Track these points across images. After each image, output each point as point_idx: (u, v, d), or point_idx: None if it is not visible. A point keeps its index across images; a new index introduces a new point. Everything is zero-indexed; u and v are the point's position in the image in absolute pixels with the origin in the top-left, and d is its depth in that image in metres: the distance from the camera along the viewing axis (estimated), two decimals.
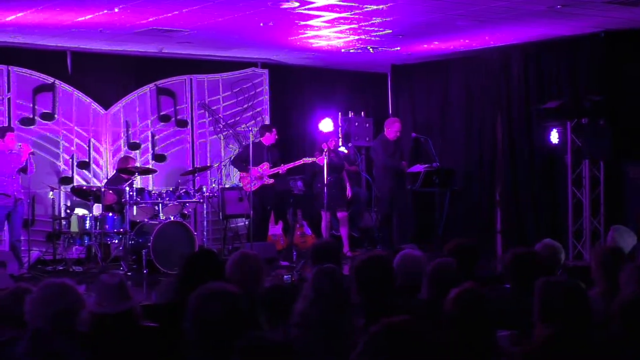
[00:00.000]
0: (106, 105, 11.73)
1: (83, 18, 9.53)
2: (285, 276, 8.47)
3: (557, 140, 10.62)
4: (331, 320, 3.42)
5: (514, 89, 11.78)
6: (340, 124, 12.82)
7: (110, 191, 10.17)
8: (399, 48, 11.93)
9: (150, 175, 11.40)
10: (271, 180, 11.00)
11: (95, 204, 10.16)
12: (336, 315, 3.45)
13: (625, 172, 10.42)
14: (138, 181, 10.45)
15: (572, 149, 10.50)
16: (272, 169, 11.02)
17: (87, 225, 9.97)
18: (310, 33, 10.67)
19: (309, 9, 9.28)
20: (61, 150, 11.33)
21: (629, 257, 5.14)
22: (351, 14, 9.54)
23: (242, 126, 12.54)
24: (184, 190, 10.45)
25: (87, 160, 11.47)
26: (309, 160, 11.23)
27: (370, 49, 11.88)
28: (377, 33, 10.72)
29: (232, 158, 11.79)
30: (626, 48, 10.57)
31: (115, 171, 11.06)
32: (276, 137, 11.29)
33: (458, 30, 10.59)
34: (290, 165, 11.14)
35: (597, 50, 10.73)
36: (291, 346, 2.76)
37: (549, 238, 5.93)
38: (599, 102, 10.19)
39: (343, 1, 8.86)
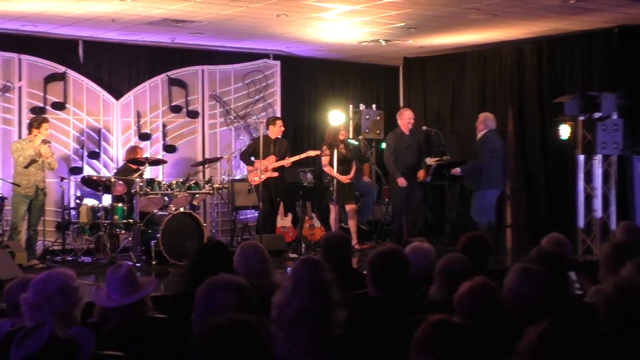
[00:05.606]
0: (117, 95, 11.73)
1: (95, 8, 9.53)
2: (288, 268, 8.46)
3: (569, 135, 10.59)
4: (311, 313, 3.38)
5: (526, 84, 11.77)
6: (351, 116, 12.80)
7: (120, 182, 10.17)
8: (411, 41, 11.90)
9: (160, 166, 11.40)
10: (276, 173, 10.99)
11: (105, 195, 10.16)
12: (317, 308, 3.42)
13: (637, 168, 10.39)
14: (148, 172, 10.45)
15: (583, 143, 10.46)
16: (277, 162, 11.00)
17: (97, 215, 9.99)
18: (324, 25, 10.65)
19: (322, 1, 9.26)
20: (72, 139, 11.34)
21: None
22: (364, 7, 9.51)
23: (253, 118, 12.53)
24: (194, 181, 10.46)
25: (97, 150, 11.48)
26: (313, 153, 11.20)
27: (383, 42, 11.85)
28: (390, 26, 10.69)
29: (240, 152, 11.79)
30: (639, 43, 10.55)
31: (124, 162, 11.08)
32: (282, 129, 11.26)
33: (471, 23, 10.55)
34: (295, 158, 11.12)
35: (610, 45, 10.72)
36: (256, 325, 2.75)
37: (555, 232, 5.89)
38: (611, 97, 10.15)
39: None
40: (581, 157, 10.54)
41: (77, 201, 10.33)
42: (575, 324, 2.97)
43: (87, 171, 11.23)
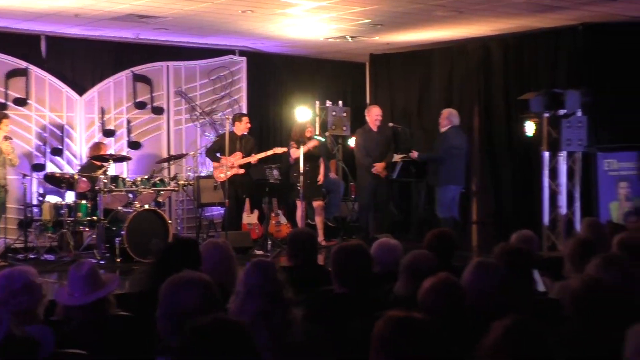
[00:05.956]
0: (81, 91, 11.62)
1: (58, 2, 9.43)
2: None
3: (534, 131, 10.67)
4: (267, 316, 3.37)
5: (492, 80, 11.85)
6: (317, 113, 12.79)
7: (84, 179, 10.09)
8: (377, 37, 11.93)
9: (125, 163, 11.32)
10: (242, 170, 10.96)
11: (68, 192, 10.06)
12: (271, 310, 3.41)
13: (601, 164, 10.52)
14: (112, 168, 10.37)
15: (548, 140, 10.55)
16: (243, 159, 10.98)
17: (60, 213, 9.89)
18: (290, 21, 10.64)
19: None
20: (34, 136, 11.22)
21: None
22: (330, 3, 9.51)
23: (219, 114, 12.49)
24: (159, 178, 10.41)
25: (60, 147, 11.37)
26: (280, 150, 11.19)
27: (349, 38, 11.86)
28: (356, 22, 10.70)
29: (205, 148, 11.75)
30: (604, 41, 10.68)
31: (87, 158, 10.99)
32: (249, 125, 11.24)
33: (437, 20, 10.60)
34: (261, 155, 11.11)
35: (575, 43, 10.83)
36: (244, 325, 2.72)
37: (525, 229, 5.94)
38: (576, 94, 10.26)
39: None
40: (546, 154, 10.63)
41: (40, 198, 10.22)
42: (540, 320, 2.99)
43: (50, 168, 11.12)
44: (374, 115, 11.35)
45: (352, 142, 12.40)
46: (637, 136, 10.46)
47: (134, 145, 11.87)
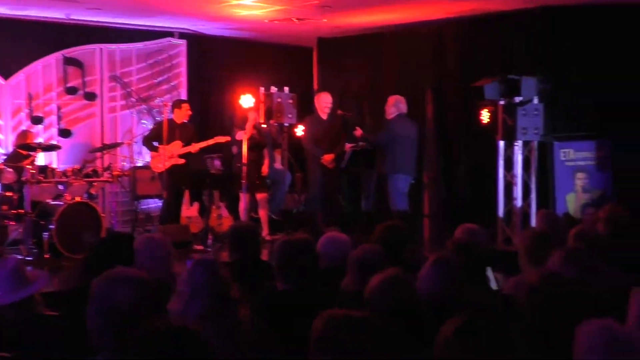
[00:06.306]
0: (6, 75, 11.46)
1: None
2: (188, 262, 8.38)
3: (488, 119, 10.76)
4: (214, 318, 3.36)
5: (446, 66, 11.93)
6: (262, 100, 12.75)
7: (10, 169, 9.92)
8: (325, 20, 11.93)
9: (54, 152, 11.18)
10: (182, 160, 10.88)
11: None
12: (218, 310, 3.39)
13: (558, 154, 10.66)
14: (40, 158, 10.24)
15: (503, 129, 10.63)
16: (183, 148, 10.89)
17: None
18: (232, 1, 10.58)
19: None
20: None
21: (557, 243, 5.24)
22: None
23: (157, 100, 12.40)
24: (91, 168, 10.30)
25: None
26: (222, 139, 11.11)
27: (295, 20, 11.84)
28: (303, 3, 10.68)
29: (142, 137, 11.66)
30: (562, 25, 10.80)
31: (13, 147, 10.82)
32: (189, 113, 11.16)
33: (388, 2, 10.63)
34: (203, 144, 11.03)
35: (532, 26, 10.93)
36: (198, 332, 2.70)
37: (471, 222, 5.97)
38: (532, 81, 10.35)
39: None
40: (501, 143, 10.71)
41: None
42: (493, 317, 3.02)
43: None
44: (323, 103, 11.34)
45: (299, 130, 12.38)
46: (595, 125, 10.61)
47: (64, 133, 11.75)
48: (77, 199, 9.90)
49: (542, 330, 3.58)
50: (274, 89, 12.79)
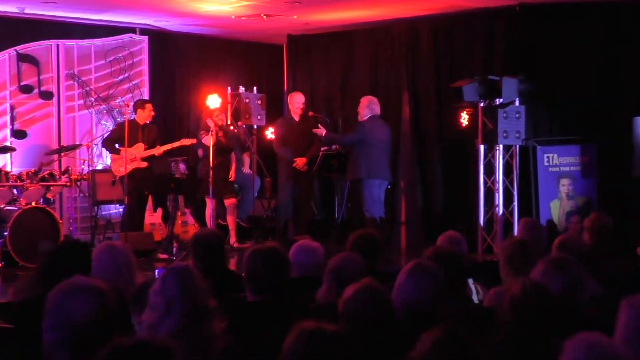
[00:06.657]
0: None
1: None
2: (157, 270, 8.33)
3: (468, 122, 10.81)
4: (189, 333, 3.34)
5: (422, 66, 11.94)
6: (229, 100, 12.74)
7: None
8: (295, 17, 11.93)
9: (8, 154, 11.11)
10: (145, 164, 10.84)
11: None
12: (195, 325, 3.38)
13: (541, 159, 10.70)
14: None
15: (483, 132, 10.68)
16: (146, 151, 10.85)
17: None
18: None
19: None
20: None
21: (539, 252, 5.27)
22: None
23: (118, 100, 12.36)
24: (48, 171, 10.24)
25: None
26: (188, 141, 11.08)
27: (264, 17, 11.84)
28: None
29: (103, 138, 11.61)
30: (544, 23, 10.83)
31: None
32: (152, 113, 11.12)
33: None
34: (167, 147, 10.99)
35: (512, 24, 10.94)
36: (169, 348, 2.68)
37: (452, 230, 6.00)
38: (513, 82, 10.39)
39: None
40: (481, 148, 10.75)
41: None
42: (472, 330, 3.03)
43: None
44: (295, 103, 11.33)
45: (269, 133, 12.37)
46: (579, 128, 10.65)
47: (18, 134, 11.68)
48: (33, 204, 9.86)
49: (524, 343, 3.60)
50: (241, 89, 12.82)
